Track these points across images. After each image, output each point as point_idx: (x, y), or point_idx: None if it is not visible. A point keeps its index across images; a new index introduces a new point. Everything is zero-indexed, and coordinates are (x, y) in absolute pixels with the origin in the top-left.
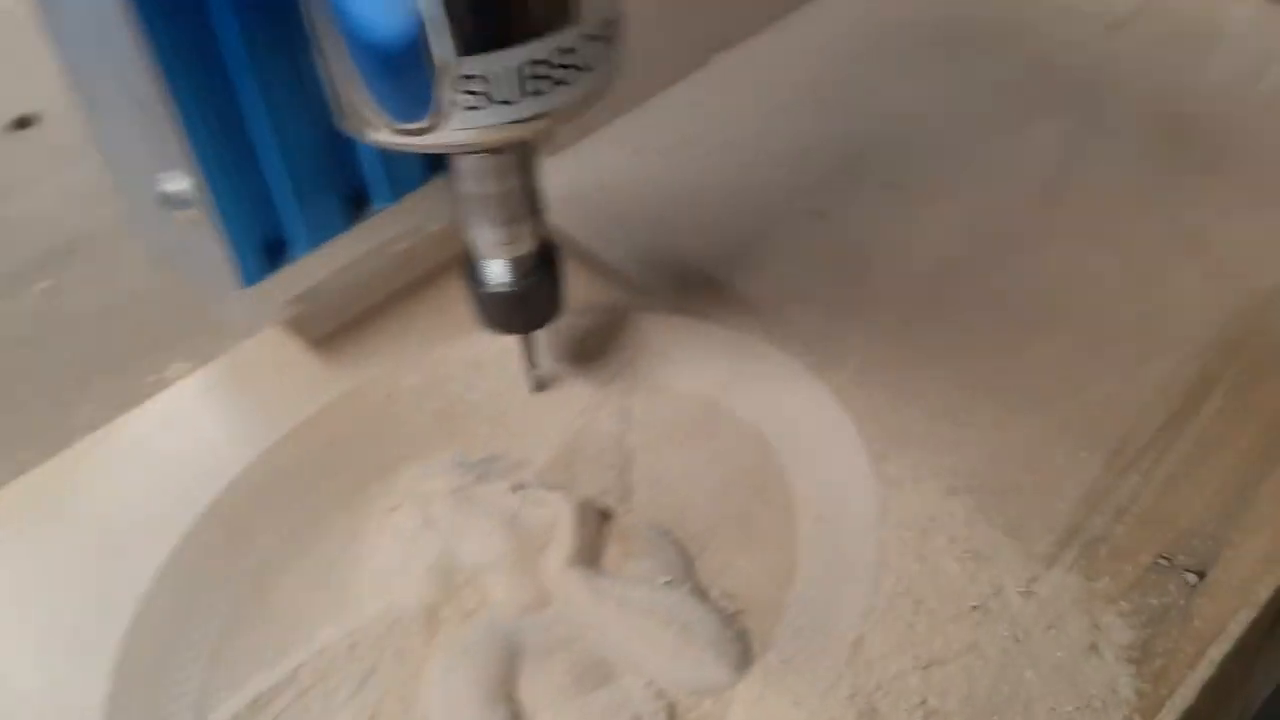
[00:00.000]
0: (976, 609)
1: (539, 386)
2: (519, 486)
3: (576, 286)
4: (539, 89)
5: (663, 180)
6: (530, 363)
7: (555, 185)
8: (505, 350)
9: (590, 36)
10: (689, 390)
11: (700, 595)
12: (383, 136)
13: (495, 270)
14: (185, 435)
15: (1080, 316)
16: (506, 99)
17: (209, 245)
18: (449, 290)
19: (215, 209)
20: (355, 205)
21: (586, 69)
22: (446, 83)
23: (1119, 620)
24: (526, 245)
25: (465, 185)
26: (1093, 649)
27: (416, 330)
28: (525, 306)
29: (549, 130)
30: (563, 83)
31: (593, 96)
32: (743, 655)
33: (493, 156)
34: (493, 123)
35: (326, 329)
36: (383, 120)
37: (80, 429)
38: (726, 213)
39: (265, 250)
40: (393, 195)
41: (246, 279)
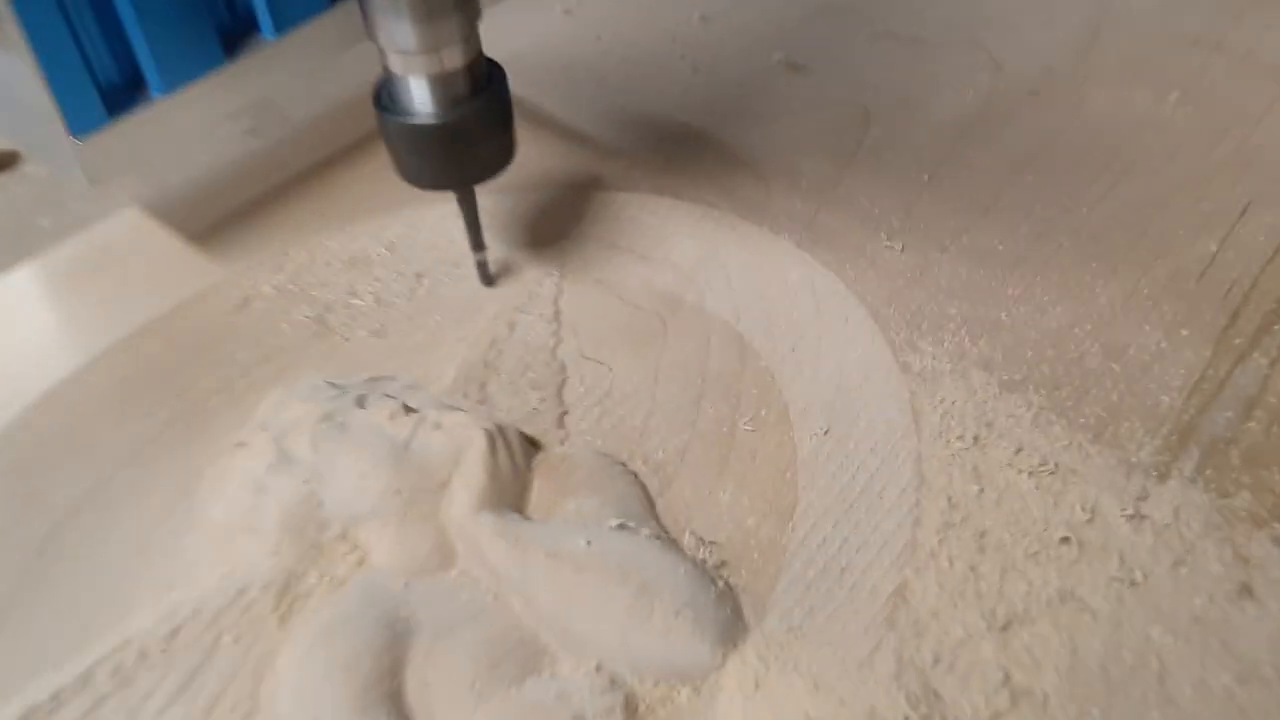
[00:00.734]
0: (1067, 542)
1: (487, 278)
2: (408, 410)
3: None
4: None
5: (605, 34)
6: (472, 241)
7: (487, 43)
8: (399, 241)
9: None
10: (642, 283)
11: (667, 543)
12: None
13: (416, 95)
14: (12, 324)
15: (1145, 166)
16: None
17: (26, 83)
18: (345, 177)
19: (24, 26)
20: (233, 37)
21: None
22: None
23: (1276, 550)
24: (457, 58)
25: None
26: (1244, 591)
27: (294, 223)
28: (458, 147)
29: None
30: None
31: None
32: (730, 623)
33: None
34: None
35: (203, 219)
36: None
37: None
38: (685, 68)
39: (105, 91)
40: (281, 25)
41: (75, 126)
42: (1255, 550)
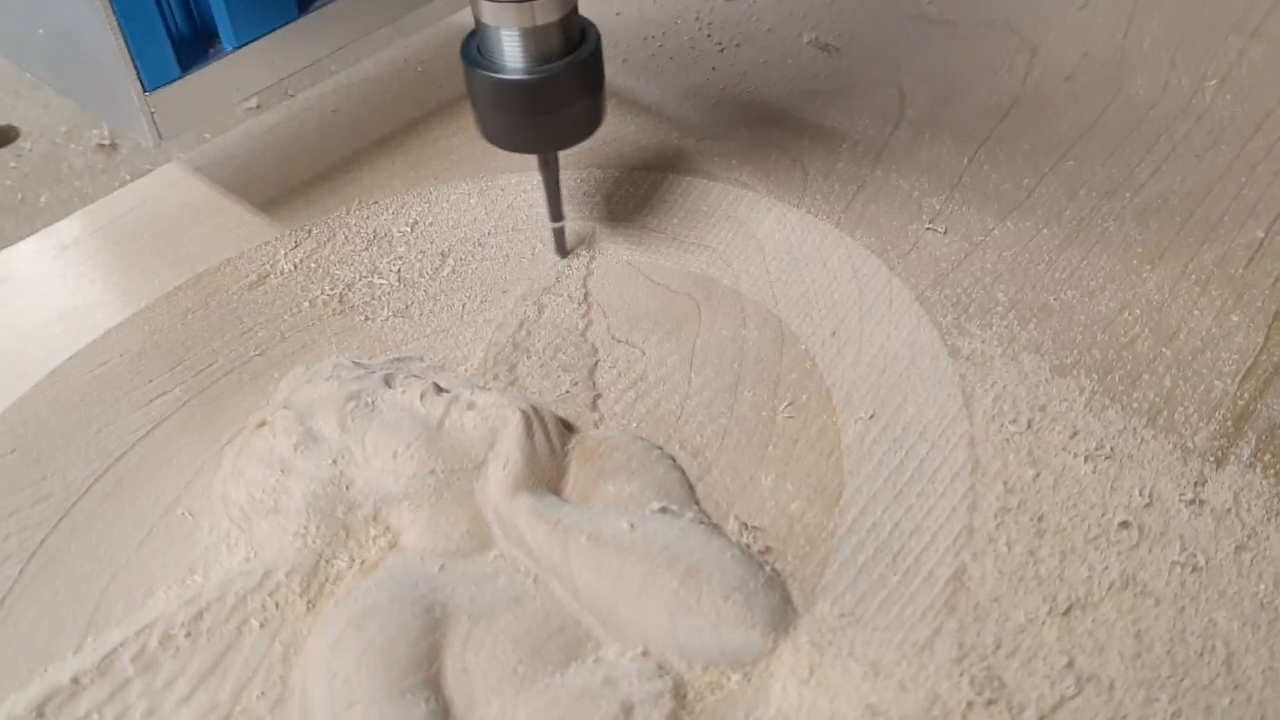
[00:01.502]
0: (1127, 527)
1: (563, 248)
2: (440, 390)
3: None
4: None
5: (625, 10)
6: (551, 211)
7: None
8: (422, 219)
9: None
10: (674, 264)
11: (711, 527)
12: None
13: (506, 49)
14: (19, 301)
15: (1186, 151)
16: None
17: (102, 37)
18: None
19: None
20: None
21: None
22: None
23: None
24: (551, 11)
25: None
26: None
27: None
28: (544, 108)
29: None
30: None
31: None
32: (780, 608)
33: None
34: None
35: (256, 182)
36: None
37: None
38: (711, 46)
39: (178, 44)
40: None
41: (149, 81)
42: None
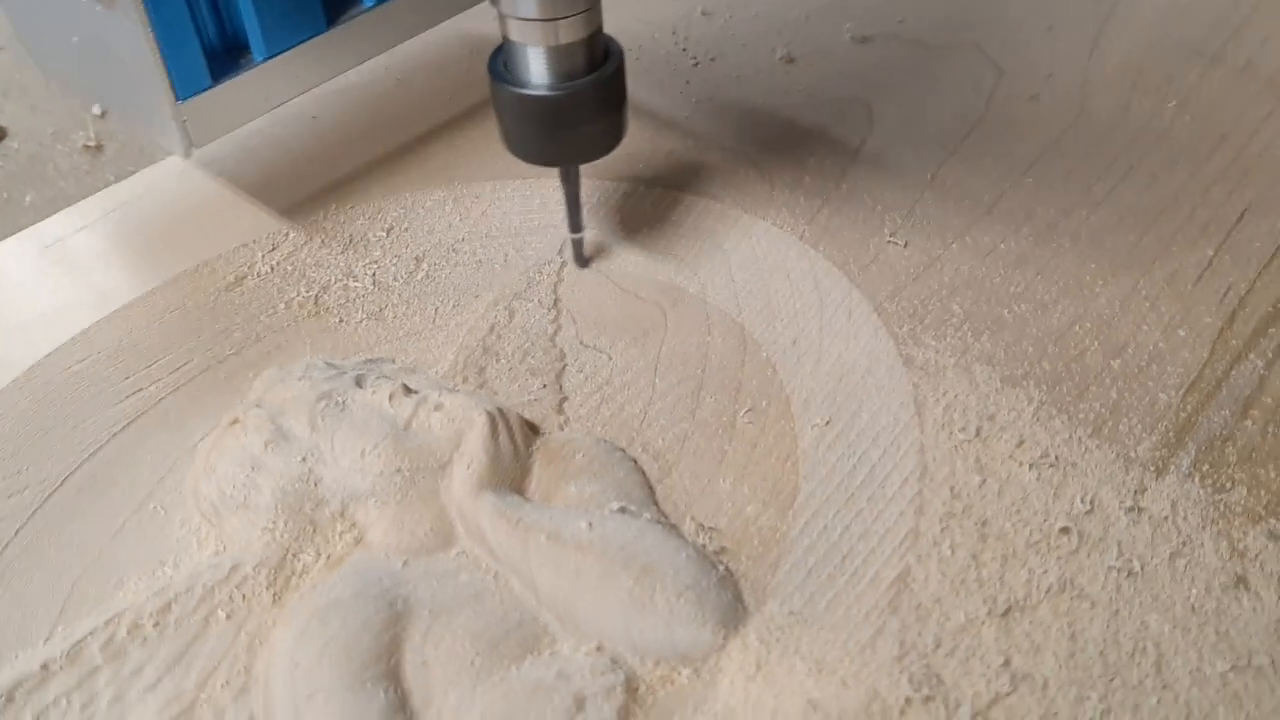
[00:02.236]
0: (1067, 533)
1: (582, 259)
2: (409, 391)
3: None
4: None
5: (606, 25)
6: (571, 222)
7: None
8: (398, 225)
9: None
10: (643, 273)
11: (668, 527)
12: None
13: (532, 65)
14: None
15: (1144, 172)
16: None
17: (137, 46)
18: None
19: None
20: (334, 5)
21: None
22: None
23: (1271, 544)
24: (576, 31)
25: None
26: (1240, 584)
27: (292, 202)
28: (567, 123)
29: None
30: None
31: None
32: (731, 607)
33: None
34: None
35: (235, 186)
36: None
37: None
38: (685, 61)
39: (210, 54)
40: None
41: (181, 90)
42: (1251, 544)
